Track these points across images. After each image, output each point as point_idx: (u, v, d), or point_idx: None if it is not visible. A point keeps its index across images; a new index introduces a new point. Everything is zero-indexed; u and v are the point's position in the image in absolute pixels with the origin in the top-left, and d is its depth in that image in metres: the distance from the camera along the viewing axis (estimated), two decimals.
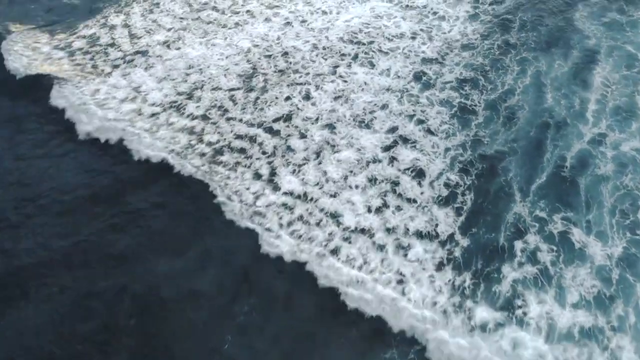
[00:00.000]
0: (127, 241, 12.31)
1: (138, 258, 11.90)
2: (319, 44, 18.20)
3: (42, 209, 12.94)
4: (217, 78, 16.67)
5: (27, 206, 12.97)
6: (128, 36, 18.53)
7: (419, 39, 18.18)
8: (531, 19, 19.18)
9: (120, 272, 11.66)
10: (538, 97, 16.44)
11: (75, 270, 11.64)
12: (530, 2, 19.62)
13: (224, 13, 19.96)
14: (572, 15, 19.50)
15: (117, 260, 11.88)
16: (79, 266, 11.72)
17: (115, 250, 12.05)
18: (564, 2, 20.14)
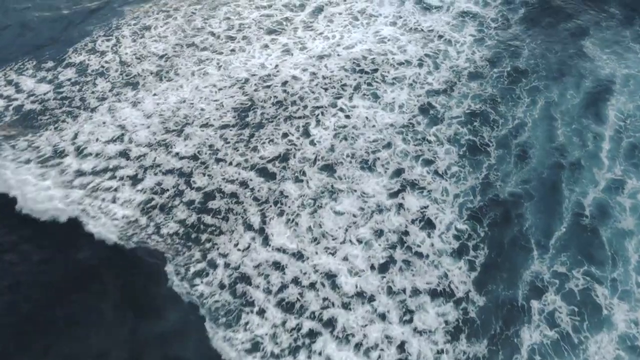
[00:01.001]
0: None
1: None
2: (319, 73, 16.69)
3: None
4: (209, 113, 15.07)
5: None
6: (118, 63, 16.93)
7: (425, 67, 16.72)
8: (540, 44, 17.71)
9: None
10: (549, 132, 15.02)
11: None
12: (538, 25, 18.11)
13: (219, 38, 18.39)
14: (583, 41, 18.03)
15: None
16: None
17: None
18: (574, 26, 18.64)
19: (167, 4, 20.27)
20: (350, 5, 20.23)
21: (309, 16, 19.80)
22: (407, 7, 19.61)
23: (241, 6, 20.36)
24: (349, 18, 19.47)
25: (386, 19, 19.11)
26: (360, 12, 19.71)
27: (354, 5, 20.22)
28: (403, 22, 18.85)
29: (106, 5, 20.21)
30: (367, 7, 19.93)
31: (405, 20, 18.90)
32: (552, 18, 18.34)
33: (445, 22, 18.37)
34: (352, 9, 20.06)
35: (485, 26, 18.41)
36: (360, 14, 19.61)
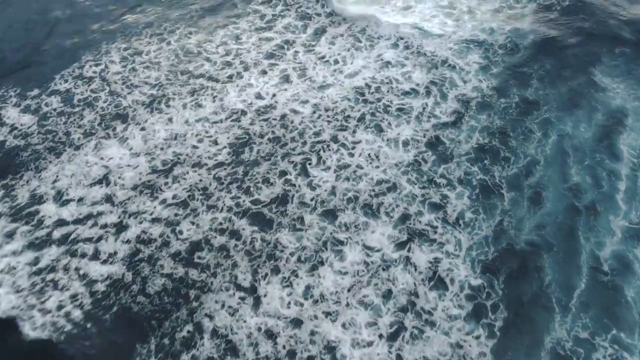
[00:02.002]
0: None
1: None
2: (320, 103, 15.26)
3: None
4: (202, 150, 13.62)
5: None
6: (107, 93, 15.46)
7: (431, 97, 15.22)
8: (549, 71, 16.26)
9: None
10: (562, 171, 13.63)
11: None
12: (548, 52, 16.63)
13: (216, 64, 16.92)
14: (593, 69, 16.57)
15: None
16: None
17: None
18: (585, 53, 17.16)
19: (161, 26, 18.84)
20: (350, 25, 18.70)
21: (311, 38, 18.35)
22: (406, 30, 18.19)
23: (240, 29, 18.91)
24: (350, 40, 17.99)
25: (388, 41, 17.62)
26: (361, 32, 18.19)
27: (354, 25, 18.70)
28: (405, 45, 17.36)
29: (96, 27, 18.71)
30: (366, 28, 18.42)
31: (407, 43, 17.43)
32: (562, 44, 16.91)
33: (447, 47, 16.96)
34: (353, 29, 18.56)
35: (492, 52, 16.95)
36: (361, 33, 18.09)
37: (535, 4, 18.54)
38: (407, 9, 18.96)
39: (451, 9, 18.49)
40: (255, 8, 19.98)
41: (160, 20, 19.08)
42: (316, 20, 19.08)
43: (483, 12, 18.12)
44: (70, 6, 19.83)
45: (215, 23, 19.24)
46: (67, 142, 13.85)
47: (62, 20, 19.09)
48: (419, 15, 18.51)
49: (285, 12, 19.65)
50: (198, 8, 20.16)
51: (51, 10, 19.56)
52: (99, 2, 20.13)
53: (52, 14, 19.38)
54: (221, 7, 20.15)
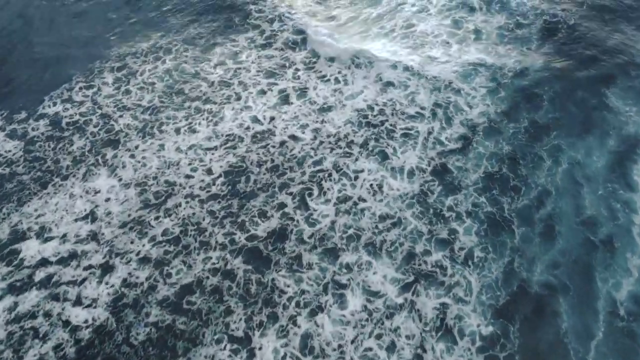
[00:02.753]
0: None
1: None
2: (321, 128, 14.30)
3: None
4: (195, 179, 12.70)
5: None
6: (99, 116, 14.56)
7: (437, 121, 14.24)
8: (560, 93, 15.27)
9: None
10: (576, 202, 12.72)
11: None
12: (559, 71, 15.66)
13: (213, 85, 16.01)
14: (606, 90, 15.58)
15: None
16: None
17: None
18: (599, 73, 16.15)
19: (156, 44, 17.92)
20: (348, 44, 17.68)
21: (311, 54, 17.39)
22: (406, 52, 17.20)
23: (239, 46, 17.96)
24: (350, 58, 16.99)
25: (386, 63, 16.61)
26: (358, 54, 17.15)
27: (352, 44, 17.65)
28: (405, 67, 16.36)
29: (89, 45, 17.79)
30: (365, 50, 17.41)
31: (408, 66, 16.48)
32: (573, 65, 15.94)
33: (452, 70, 15.89)
34: (352, 47, 17.55)
35: (500, 74, 15.93)
36: (359, 56, 17.09)
37: (542, 22, 17.57)
38: (406, 36, 17.92)
39: (455, 29, 17.51)
40: (255, 23, 19.08)
41: (156, 37, 18.18)
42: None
43: (489, 31, 17.17)
44: (62, 23, 18.92)
45: (212, 40, 18.32)
46: (54, 170, 12.97)
47: (52, 38, 18.18)
48: (419, 38, 17.62)
49: (284, 27, 18.76)
50: (196, 25, 19.27)
51: (40, 27, 18.65)
52: (92, 19, 19.22)
53: (42, 31, 18.47)
54: (219, 23, 19.26)
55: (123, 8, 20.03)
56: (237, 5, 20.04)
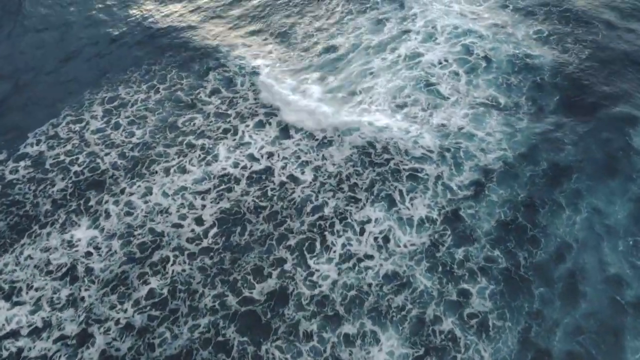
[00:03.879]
0: None
1: None
2: (322, 168, 13.12)
3: None
4: (185, 229, 11.54)
5: None
6: (85, 155, 13.40)
7: (445, 165, 13.03)
8: (583, 135, 13.96)
9: None
10: (598, 257, 11.54)
11: None
12: (579, 112, 14.46)
13: (208, 117, 14.83)
14: (631, 130, 14.28)
15: None
16: None
17: None
18: (622, 112, 14.72)
19: (150, 70, 16.73)
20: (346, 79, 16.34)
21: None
22: (408, 91, 15.43)
23: (230, 72, 16.77)
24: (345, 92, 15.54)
25: (381, 106, 14.95)
26: (351, 93, 15.46)
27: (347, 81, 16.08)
28: (405, 114, 14.56)
29: (79, 72, 16.60)
30: (360, 86, 15.89)
31: (409, 109, 14.79)
32: (594, 101, 14.71)
33: (462, 114, 14.40)
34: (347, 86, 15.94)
35: (514, 116, 14.40)
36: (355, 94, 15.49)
37: (553, 52, 16.27)
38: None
39: (467, 54, 16.30)
40: None
41: (150, 63, 16.99)
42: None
43: (498, 61, 15.92)
44: (50, 46, 17.76)
45: (206, 64, 17.12)
46: (33, 216, 11.80)
47: (39, 64, 17.00)
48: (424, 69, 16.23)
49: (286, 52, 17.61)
50: (190, 46, 18.06)
51: (26, 53, 17.49)
52: (81, 42, 18.02)
53: (27, 56, 17.32)
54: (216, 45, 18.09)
55: (116, 31, 18.87)
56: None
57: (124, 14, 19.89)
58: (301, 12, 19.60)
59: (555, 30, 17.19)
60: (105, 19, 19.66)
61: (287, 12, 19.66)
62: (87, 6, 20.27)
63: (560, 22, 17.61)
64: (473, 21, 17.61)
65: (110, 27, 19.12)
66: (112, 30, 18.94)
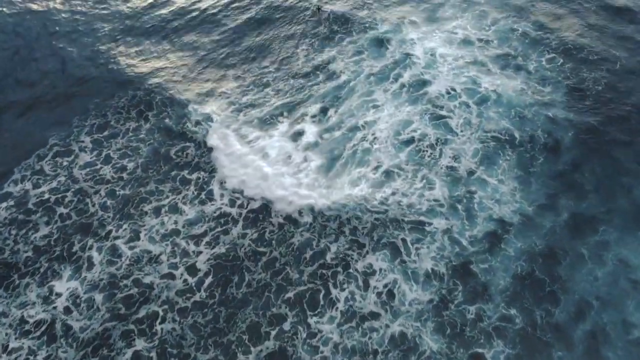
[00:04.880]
0: None
1: None
2: (324, 210, 12.11)
3: None
4: (177, 280, 10.59)
5: None
6: (73, 193, 12.45)
7: (455, 219, 11.84)
8: (602, 178, 12.88)
9: None
10: (623, 316, 10.56)
11: None
12: (599, 149, 13.47)
13: (201, 147, 13.85)
14: None
15: None
16: None
17: None
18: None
19: (136, 96, 15.60)
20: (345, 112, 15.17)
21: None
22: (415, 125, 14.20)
23: (225, 90, 15.77)
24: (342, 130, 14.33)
25: (383, 148, 13.57)
26: (352, 129, 14.24)
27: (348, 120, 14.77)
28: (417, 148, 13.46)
29: (66, 98, 15.53)
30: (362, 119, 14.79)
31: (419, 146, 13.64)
32: (610, 140, 13.73)
33: (473, 151, 13.34)
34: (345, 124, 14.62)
35: (529, 155, 13.28)
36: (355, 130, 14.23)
37: (565, 86, 15.12)
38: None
39: (475, 85, 15.32)
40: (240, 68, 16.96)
41: (138, 90, 15.88)
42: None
43: (508, 96, 14.82)
44: (35, 71, 16.55)
45: (211, 79, 16.09)
46: (12, 265, 10.80)
47: (24, 91, 15.84)
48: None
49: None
50: (181, 69, 17.00)
51: (9, 78, 16.40)
52: (67, 65, 16.86)
53: (11, 83, 16.32)
54: (211, 61, 17.06)
55: (100, 54, 17.71)
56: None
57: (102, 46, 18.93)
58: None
59: (569, 58, 16.18)
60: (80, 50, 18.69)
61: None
62: (72, 30, 19.23)
63: (575, 48, 16.58)
64: (480, 49, 16.61)
65: (80, 63, 18.02)
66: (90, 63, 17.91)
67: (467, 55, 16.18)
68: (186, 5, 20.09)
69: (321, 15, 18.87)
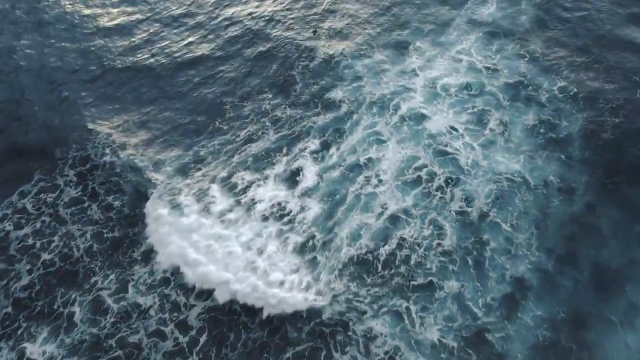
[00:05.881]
0: None
1: None
2: (326, 281, 10.93)
3: None
4: (169, 341, 9.73)
5: None
6: (60, 237, 11.51)
7: (467, 279, 10.77)
8: (621, 225, 11.72)
9: None
10: None
11: None
12: (610, 196, 12.32)
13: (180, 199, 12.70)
14: None
15: None
16: None
17: None
18: None
19: (113, 135, 14.21)
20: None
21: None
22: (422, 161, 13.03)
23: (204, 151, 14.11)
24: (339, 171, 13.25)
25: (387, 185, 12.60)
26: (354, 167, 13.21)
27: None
28: (412, 209, 11.94)
29: (47, 129, 14.35)
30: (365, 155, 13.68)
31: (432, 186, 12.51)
32: (629, 178, 12.65)
33: (484, 196, 12.15)
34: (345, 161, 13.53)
35: (544, 197, 12.20)
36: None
37: (580, 120, 14.07)
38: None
39: (480, 125, 13.99)
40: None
41: (114, 122, 14.80)
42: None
43: (518, 136, 13.65)
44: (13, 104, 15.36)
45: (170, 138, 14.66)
46: None
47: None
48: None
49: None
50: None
51: None
52: (47, 97, 15.66)
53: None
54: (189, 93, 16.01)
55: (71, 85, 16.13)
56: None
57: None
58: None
59: (583, 86, 15.07)
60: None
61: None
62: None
63: (589, 74, 15.52)
64: (487, 78, 15.48)
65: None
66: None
67: (473, 84, 15.25)
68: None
69: (319, 38, 18.00)
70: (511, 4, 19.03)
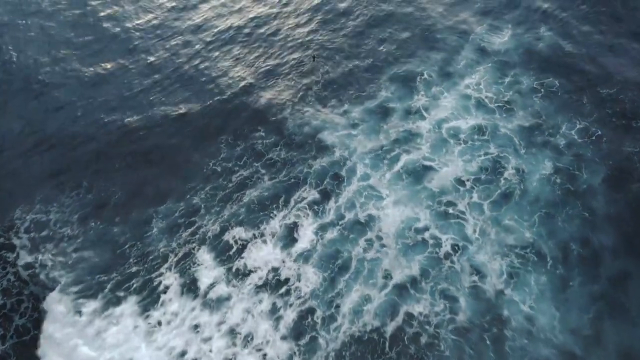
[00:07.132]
0: None
1: None
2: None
3: None
4: None
5: None
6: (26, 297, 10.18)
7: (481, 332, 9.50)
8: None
9: None
10: None
11: None
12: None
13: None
14: None
15: None
16: None
17: None
18: None
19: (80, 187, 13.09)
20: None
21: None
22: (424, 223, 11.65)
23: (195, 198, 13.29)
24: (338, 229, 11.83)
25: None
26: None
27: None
28: (419, 279, 10.50)
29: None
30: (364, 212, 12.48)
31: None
32: None
33: (495, 274, 10.42)
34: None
35: (565, 280, 10.46)
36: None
37: (604, 168, 12.36)
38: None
39: (493, 174, 12.35)
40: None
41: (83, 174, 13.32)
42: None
43: (534, 188, 12.02)
44: None
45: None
46: None
47: None
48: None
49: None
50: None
51: None
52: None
53: None
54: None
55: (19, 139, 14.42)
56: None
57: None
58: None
59: (606, 127, 13.24)
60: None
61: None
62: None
63: (612, 114, 13.62)
64: (501, 119, 13.69)
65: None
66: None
67: (485, 126, 13.47)
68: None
69: (317, 64, 16.48)
70: (528, 28, 17.04)
